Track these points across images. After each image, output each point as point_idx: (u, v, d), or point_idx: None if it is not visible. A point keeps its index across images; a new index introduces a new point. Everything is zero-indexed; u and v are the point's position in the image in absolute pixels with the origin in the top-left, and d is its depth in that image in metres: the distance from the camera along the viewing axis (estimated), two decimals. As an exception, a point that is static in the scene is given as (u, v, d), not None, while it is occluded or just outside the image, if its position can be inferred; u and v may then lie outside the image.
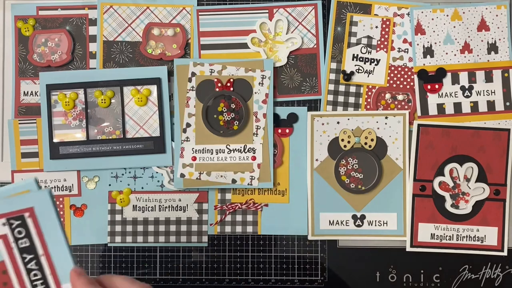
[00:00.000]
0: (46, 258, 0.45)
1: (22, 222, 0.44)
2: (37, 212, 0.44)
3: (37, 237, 0.44)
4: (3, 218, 0.44)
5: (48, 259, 0.45)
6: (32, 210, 0.44)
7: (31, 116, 0.69)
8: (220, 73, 0.68)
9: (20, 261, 0.44)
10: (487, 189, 0.67)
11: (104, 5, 0.69)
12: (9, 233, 0.44)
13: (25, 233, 0.44)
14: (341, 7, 0.69)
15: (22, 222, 0.44)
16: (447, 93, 0.68)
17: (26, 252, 0.44)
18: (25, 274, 0.44)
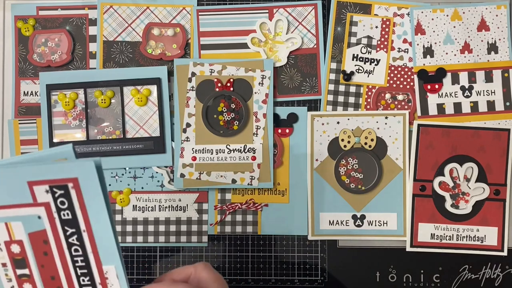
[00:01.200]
0: (88, 234, 0.41)
1: (66, 193, 0.40)
2: (81, 184, 0.40)
3: (80, 211, 0.41)
4: (46, 185, 0.40)
5: (90, 236, 0.41)
6: (76, 181, 0.40)
7: (31, 116, 0.69)
8: (220, 73, 0.68)
9: (61, 233, 0.41)
10: (487, 189, 0.67)
11: (104, 5, 0.69)
12: (52, 201, 0.40)
13: (67, 204, 0.40)
14: (341, 7, 0.69)
15: (65, 192, 0.40)
16: (447, 93, 0.68)
17: (67, 225, 0.41)
18: (66, 247, 0.42)
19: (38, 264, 0.42)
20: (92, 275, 0.43)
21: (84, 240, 0.42)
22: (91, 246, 0.42)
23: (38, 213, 0.41)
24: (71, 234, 0.41)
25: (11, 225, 0.42)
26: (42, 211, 0.41)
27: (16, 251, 0.42)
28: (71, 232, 0.41)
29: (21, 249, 0.42)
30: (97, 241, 0.42)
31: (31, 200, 0.41)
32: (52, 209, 0.41)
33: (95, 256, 0.42)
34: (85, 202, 0.41)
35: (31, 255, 0.42)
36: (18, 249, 0.42)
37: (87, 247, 0.42)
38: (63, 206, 0.41)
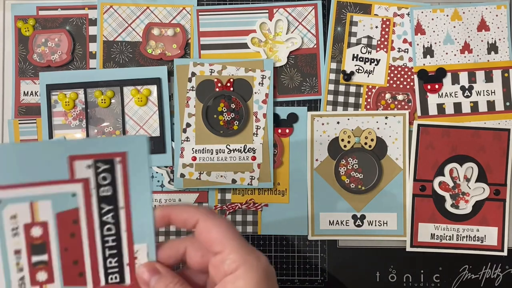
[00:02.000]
0: (125, 211, 0.40)
1: (110, 167, 0.39)
2: (129, 159, 0.39)
3: (122, 187, 0.40)
4: (91, 160, 0.39)
5: (127, 213, 0.40)
6: (125, 155, 0.39)
7: (31, 116, 0.69)
8: (220, 73, 0.68)
9: (96, 211, 0.40)
10: (487, 189, 0.67)
11: (104, 5, 0.69)
12: (92, 177, 0.39)
13: (110, 180, 0.39)
14: (341, 7, 0.69)
15: (110, 166, 0.39)
16: (447, 93, 0.68)
17: (105, 202, 0.40)
18: (98, 226, 0.40)
19: (62, 247, 0.40)
20: (121, 256, 0.41)
21: (120, 217, 0.40)
22: (126, 223, 0.40)
23: (73, 190, 0.39)
24: (106, 211, 0.40)
25: (37, 205, 0.39)
26: (79, 188, 0.39)
27: (36, 235, 0.40)
28: (107, 209, 0.40)
29: (44, 232, 0.39)
30: (134, 218, 0.40)
31: (68, 177, 0.39)
32: (90, 185, 0.39)
33: (129, 234, 0.41)
34: (129, 178, 0.40)
35: (54, 238, 0.40)
36: (40, 232, 0.39)
37: (122, 225, 0.40)
38: (104, 181, 0.39)
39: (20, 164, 0.38)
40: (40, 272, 0.40)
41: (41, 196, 0.39)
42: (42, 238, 0.39)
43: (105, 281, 0.41)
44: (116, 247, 0.41)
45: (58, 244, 0.40)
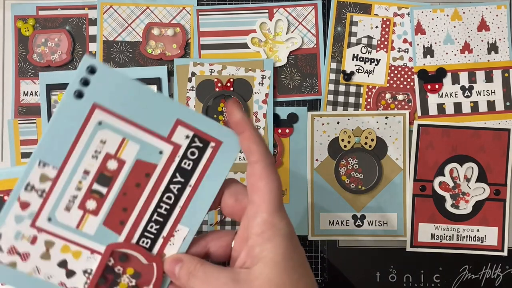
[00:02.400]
0: (191, 191, 0.41)
1: (203, 147, 0.41)
2: (220, 150, 0.41)
3: (201, 169, 0.41)
4: (192, 132, 0.41)
5: (191, 193, 0.41)
6: (219, 144, 0.41)
7: (31, 116, 0.69)
8: (220, 73, 0.68)
9: (169, 176, 0.41)
10: (487, 189, 0.67)
11: (104, 5, 0.69)
12: (185, 147, 0.41)
13: (196, 156, 0.41)
14: (341, 7, 0.69)
15: (203, 146, 0.41)
16: (447, 93, 0.68)
17: (180, 173, 0.41)
18: (162, 189, 0.41)
19: (122, 190, 0.41)
20: (163, 226, 0.42)
21: (184, 193, 0.42)
22: (185, 201, 0.42)
23: (163, 148, 0.41)
24: (176, 182, 0.41)
25: (127, 143, 0.40)
26: (168, 149, 0.41)
27: (110, 167, 0.40)
28: (178, 180, 0.41)
29: (118, 168, 0.41)
30: (193, 201, 0.41)
31: (166, 135, 0.41)
32: (178, 153, 0.41)
33: (181, 212, 0.42)
34: (211, 165, 0.41)
35: (123, 178, 0.41)
36: (115, 166, 0.41)
37: (181, 201, 0.42)
38: (191, 156, 0.41)
39: (134, 102, 0.40)
40: (92, 201, 0.41)
41: (135, 138, 0.41)
42: (113, 173, 0.41)
43: (137, 241, 0.42)
44: (164, 216, 0.42)
45: (122, 186, 0.41)
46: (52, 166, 0.40)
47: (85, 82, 0.39)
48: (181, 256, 0.42)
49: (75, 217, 0.41)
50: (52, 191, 0.40)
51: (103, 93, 0.40)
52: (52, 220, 0.41)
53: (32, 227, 0.40)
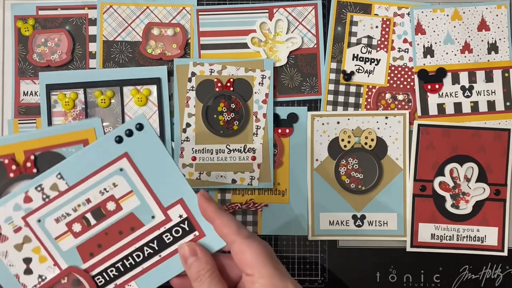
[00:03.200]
0: (158, 260, 0.46)
1: (188, 231, 0.46)
2: (201, 241, 0.46)
3: (175, 248, 0.46)
4: (186, 215, 0.46)
5: (157, 262, 0.46)
6: (202, 236, 0.46)
7: (31, 116, 0.69)
8: (220, 73, 0.68)
9: (148, 238, 0.46)
10: (488, 189, 0.67)
11: (104, 5, 0.69)
12: (173, 223, 0.46)
13: (178, 235, 0.46)
14: (341, 7, 0.69)
15: (188, 230, 0.46)
16: (447, 93, 0.68)
17: (158, 241, 0.46)
18: (137, 246, 0.46)
19: (106, 230, 0.46)
20: (120, 276, 0.46)
21: (152, 259, 0.46)
22: (149, 266, 0.46)
23: (156, 214, 0.46)
24: (151, 247, 0.46)
25: (132, 195, 0.45)
26: (160, 217, 0.46)
27: (108, 207, 0.45)
28: (153, 246, 0.46)
29: (114, 211, 0.46)
30: (156, 269, 0.46)
31: (165, 206, 0.46)
32: (166, 225, 0.46)
33: (140, 272, 0.46)
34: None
35: (112, 221, 0.46)
36: (113, 208, 0.45)
37: (146, 263, 0.46)
38: (175, 234, 0.46)
39: (156, 167, 0.45)
40: (78, 224, 0.45)
41: (140, 195, 0.46)
42: (108, 212, 0.46)
43: (94, 275, 0.46)
44: (126, 268, 0.46)
45: (108, 226, 0.45)
46: (66, 182, 0.45)
47: (129, 133, 0.45)
48: (197, 250, 0.44)
49: (59, 230, 0.45)
50: (55, 200, 0.45)
51: (137, 148, 0.45)
52: (41, 222, 0.45)
53: (23, 219, 0.45)
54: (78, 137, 0.50)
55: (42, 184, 0.45)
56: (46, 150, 0.50)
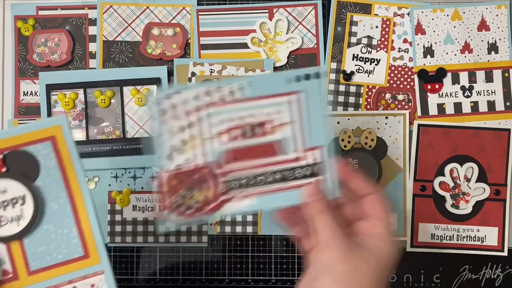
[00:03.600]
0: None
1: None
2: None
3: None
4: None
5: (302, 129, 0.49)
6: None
7: (31, 116, 0.69)
8: (220, 73, 0.67)
9: (289, 167, 0.49)
10: (488, 189, 0.67)
11: (104, 5, 0.69)
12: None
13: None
14: (341, 7, 0.69)
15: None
16: (447, 93, 0.68)
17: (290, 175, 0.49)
18: (275, 169, 0.49)
19: (259, 146, 0.50)
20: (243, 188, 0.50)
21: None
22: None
23: (299, 156, 0.50)
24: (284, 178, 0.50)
25: (286, 126, 0.49)
26: (304, 161, 0.50)
27: (267, 129, 0.49)
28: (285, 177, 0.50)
29: (269, 133, 0.50)
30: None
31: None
32: (300, 162, 0.50)
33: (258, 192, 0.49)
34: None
35: (264, 141, 0.50)
36: (268, 130, 0.50)
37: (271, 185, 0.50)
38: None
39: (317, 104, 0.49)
40: (238, 131, 0.49)
41: (296, 128, 0.50)
42: (265, 133, 0.49)
43: (227, 180, 0.50)
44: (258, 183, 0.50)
45: (260, 144, 0.50)
46: (243, 94, 0.49)
47: (307, 77, 0.49)
48: (321, 191, 0.49)
49: (220, 129, 0.49)
50: (228, 105, 0.49)
51: (307, 91, 0.49)
52: (209, 116, 0.49)
53: (197, 108, 0.49)
54: (45, 134, 0.51)
55: (224, 88, 0.49)
56: (14, 149, 0.50)
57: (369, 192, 0.49)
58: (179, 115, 0.49)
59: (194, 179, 0.49)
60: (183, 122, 0.49)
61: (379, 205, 0.48)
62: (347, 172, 0.50)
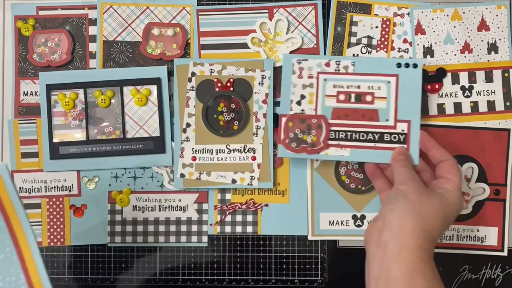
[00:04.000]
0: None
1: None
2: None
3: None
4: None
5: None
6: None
7: (31, 116, 0.69)
8: (220, 73, 0.68)
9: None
10: (487, 189, 0.67)
11: (104, 5, 0.69)
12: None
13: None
14: (341, 7, 0.69)
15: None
16: (447, 93, 0.68)
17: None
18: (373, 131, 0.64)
19: (361, 109, 0.64)
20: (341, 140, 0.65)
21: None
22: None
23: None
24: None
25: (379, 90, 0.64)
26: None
27: (368, 99, 0.64)
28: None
29: (370, 101, 0.64)
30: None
31: None
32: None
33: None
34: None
35: (364, 107, 0.64)
36: (371, 100, 0.64)
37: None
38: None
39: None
40: (347, 96, 0.64)
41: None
42: (366, 100, 0.64)
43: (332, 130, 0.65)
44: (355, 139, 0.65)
45: (362, 109, 0.64)
46: (354, 69, 0.64)
47: (407, 65, 0.63)
48: (407, 153, 0.62)
49: (331, 92, 0.64)
50: (341, 75, 0.65)
51: (404, 76, 0.63)
52: (325, 81, 0.65)
53: (318, 73, 0.65)
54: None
55: (341, 62, 0.64)
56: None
57: (445, 159, 0.59)
58: (304, 76, 0.65)
59: (305, 125, 0.64)
60: (305, 81, 0.64)
61: (452, 168, 0.58)
62: (429, 142, 0.61)
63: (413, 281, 0.50)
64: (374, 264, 0.53)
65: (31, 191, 0.68)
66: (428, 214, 0.53)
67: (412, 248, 0.51)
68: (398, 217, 0.54)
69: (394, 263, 0.51)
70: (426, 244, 0.52)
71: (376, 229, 0.55)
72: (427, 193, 0.55)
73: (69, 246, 0.69)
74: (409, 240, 0.52)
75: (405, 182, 0.57)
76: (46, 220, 0.68)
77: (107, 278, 0.68)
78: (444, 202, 0.55)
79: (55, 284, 0.68)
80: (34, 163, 0.68)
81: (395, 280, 0.50)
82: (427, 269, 0.51)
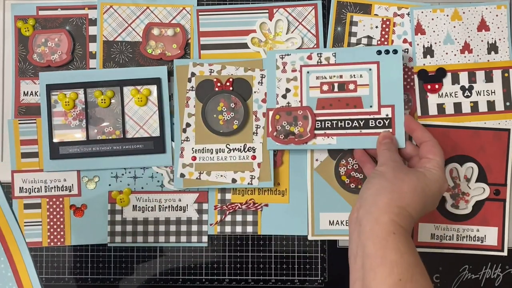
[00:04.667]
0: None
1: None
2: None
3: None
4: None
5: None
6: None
7: (31, 116, 0.69)
8: (220, 73, 0.68)
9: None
10: (487, 189, 0.67)
11: (104, 5, 0.69)
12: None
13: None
14: (341, 7, 0.69)
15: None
16: (447, 93, 0.68)
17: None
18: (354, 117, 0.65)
19: (344, 99, 0.66)
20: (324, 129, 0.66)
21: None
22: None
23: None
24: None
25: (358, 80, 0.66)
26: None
27: (351, 87, 0.65)
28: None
29: (353, 90, 0.65)
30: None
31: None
32: None
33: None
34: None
35: (348, 95, 0.66)
36: (353, 88, 0.66)
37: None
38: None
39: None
40: (330, 86, 0.66)
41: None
42: (349, 89, 0.66)
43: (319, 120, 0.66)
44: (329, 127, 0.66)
45: (345, 98, 0.66)
46: (335, 59, 0.66)
47: (387, 52, 0.65)
48: (392, 136, 0.63)
49: (314, 83, 0.66)
50: (323, 66, 0.66)
51: (385, 62, 0.65)
52: (308, 74, 0.66)
53: (300, 66, 0.66)
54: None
55: (322, 54, 0.65)
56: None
57: (426, 139, 0.60)
58: (287, 70, 0.66)
59: (292, 117, 0.65)
60: (289, 75, 0.66)
61: (433, 147, 0.59)
62: (413, 124, 0.62)
63: (385, 256, 0.50)
64: (352, 242, 0.54)
65: (31, 191, 0.68)
66: (404, 191, 0.54)
67: (384, 222, 0.52)
68: (372, 195, 0.54)
69: (367, 240, 0.52)
70: (399, 219, 0.52)
71: (355, 209, 0.55)
72: (405, 171, 0.56)
73: (69, 246, 0.69)
74: (381, 215, 0.52)
75: (384, 163, 0.58)
76: (46, 220, 0.68)
77: (107, 278, 0.68)
78: (422, 179, 0.55)
79: (55, 284, 0.68)
80: (34, 163, 0.68)
81: (369, 256, 0.51)
82: (400, 243, 0.51)
